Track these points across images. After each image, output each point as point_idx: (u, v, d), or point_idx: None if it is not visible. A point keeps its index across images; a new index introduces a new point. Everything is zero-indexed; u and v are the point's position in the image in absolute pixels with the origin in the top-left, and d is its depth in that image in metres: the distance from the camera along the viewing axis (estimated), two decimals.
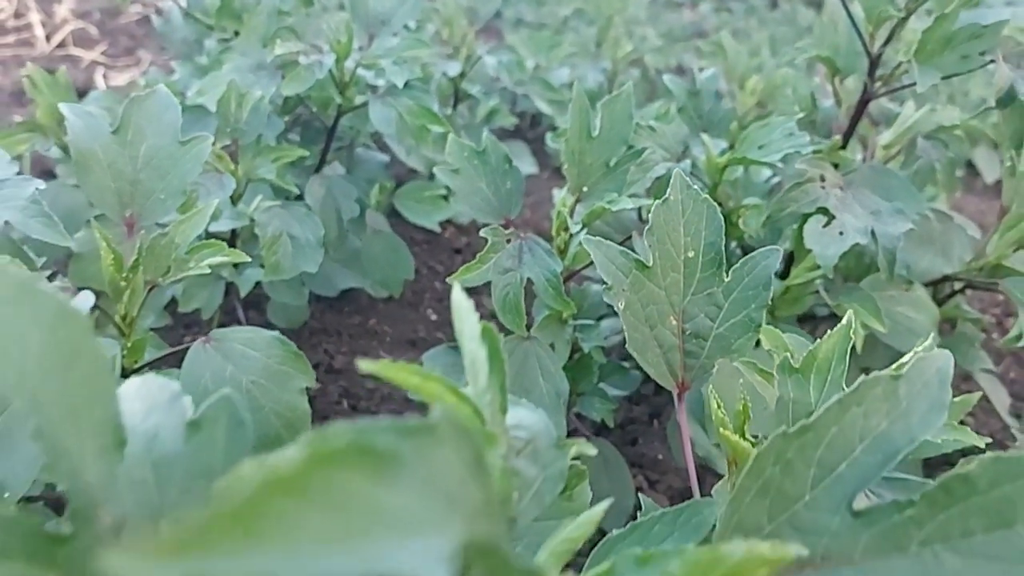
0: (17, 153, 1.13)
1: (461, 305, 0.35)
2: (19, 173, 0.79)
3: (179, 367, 0.82)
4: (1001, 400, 1.02)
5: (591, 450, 0.36)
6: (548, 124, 2.10)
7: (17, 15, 2.52)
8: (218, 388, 0.39)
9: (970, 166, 2.07)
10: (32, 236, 0.71)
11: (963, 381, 1.06)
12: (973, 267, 0.90)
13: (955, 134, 0.99)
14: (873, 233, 0.80)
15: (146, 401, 0.37)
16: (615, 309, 0.56)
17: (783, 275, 0.92)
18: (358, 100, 1.17)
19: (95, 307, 0.70)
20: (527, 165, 1.81)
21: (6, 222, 0.71)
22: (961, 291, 0.99)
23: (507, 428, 0.35)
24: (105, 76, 2.29)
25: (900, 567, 0.33)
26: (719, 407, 0.49)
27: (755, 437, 0.49)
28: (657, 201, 0.54)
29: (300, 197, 1.12)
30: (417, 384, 0.30)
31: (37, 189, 0.72)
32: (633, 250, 0.58)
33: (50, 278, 0.72)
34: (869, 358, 0.92)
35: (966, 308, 1.02)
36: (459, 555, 0.17)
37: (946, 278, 0.93)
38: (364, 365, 0.28)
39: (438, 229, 1.33)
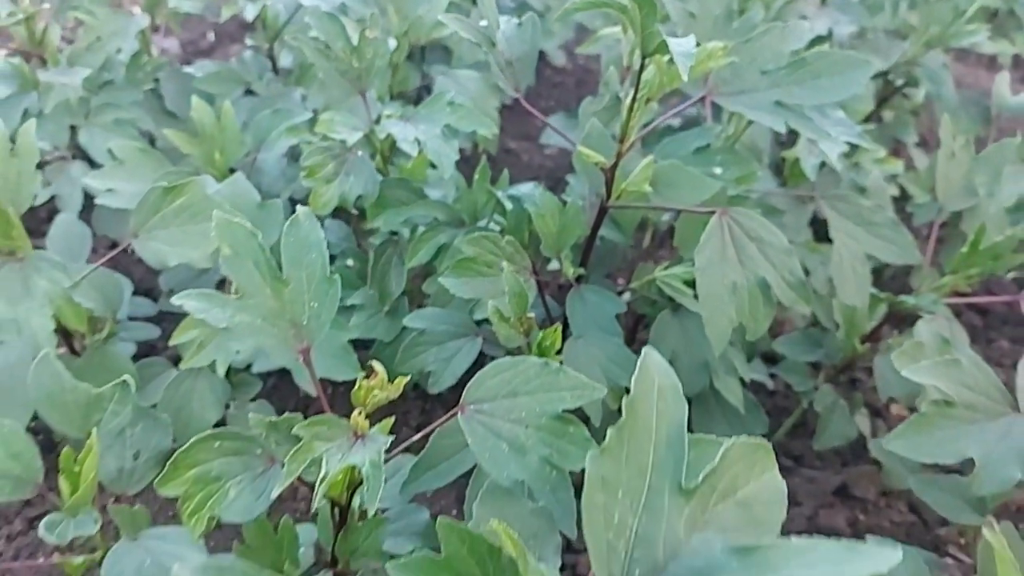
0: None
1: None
2: None
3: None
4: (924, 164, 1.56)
5: None
6: None
7: None
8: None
9: None
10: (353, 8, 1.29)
11: (901, 149, 1.60)
12: (900, 63, 1.43)
13: None
14: (831, 32, 1.34)
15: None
16: None
17: None
18: None
19: None
20: None
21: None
22: (900, 91, 1.52)
23: None
24: None
25: (774, 91, 0.89)
26: None
27: None
28: None
29: None
30: None
31: None
32: None
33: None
34: None
35: (902, 102, 1.55)
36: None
37: (884, 73, 1.46)
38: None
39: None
